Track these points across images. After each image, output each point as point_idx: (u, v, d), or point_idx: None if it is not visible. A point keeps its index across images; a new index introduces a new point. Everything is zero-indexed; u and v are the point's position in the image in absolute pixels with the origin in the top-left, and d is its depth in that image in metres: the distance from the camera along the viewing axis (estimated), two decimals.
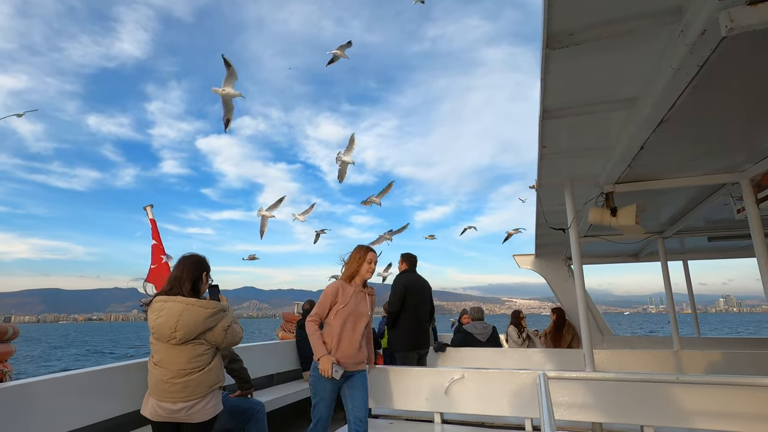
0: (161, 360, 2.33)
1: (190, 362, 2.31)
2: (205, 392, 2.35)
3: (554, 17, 1.60)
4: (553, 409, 1.55)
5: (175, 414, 2.31)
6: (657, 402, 2.68)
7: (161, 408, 2.31)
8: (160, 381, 2.31)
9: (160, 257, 5.11)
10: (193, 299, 2.35)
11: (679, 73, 1.75)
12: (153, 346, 2.38)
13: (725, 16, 1.37)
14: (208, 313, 2.34)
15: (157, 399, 2.32)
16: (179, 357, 2.31)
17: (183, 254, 2.53)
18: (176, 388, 2.29)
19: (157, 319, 2.30)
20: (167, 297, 2.35)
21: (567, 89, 2.15)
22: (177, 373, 2.30)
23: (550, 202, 4.04)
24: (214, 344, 2.40)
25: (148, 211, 5.28)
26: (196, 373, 2.32)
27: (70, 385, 2.80)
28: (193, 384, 2.31)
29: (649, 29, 1.66)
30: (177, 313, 2.28)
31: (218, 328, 2.38)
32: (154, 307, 2.34)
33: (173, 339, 2.28)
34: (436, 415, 3.20)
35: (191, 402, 2.31)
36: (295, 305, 7.26)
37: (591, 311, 6.82)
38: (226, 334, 2.40)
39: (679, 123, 2.29)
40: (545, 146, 2.79)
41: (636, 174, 3.16)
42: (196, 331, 2.31)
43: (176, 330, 2.27)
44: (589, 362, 3.21)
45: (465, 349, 5.57)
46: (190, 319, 2.29)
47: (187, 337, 2.29)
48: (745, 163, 3.00)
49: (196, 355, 2.33)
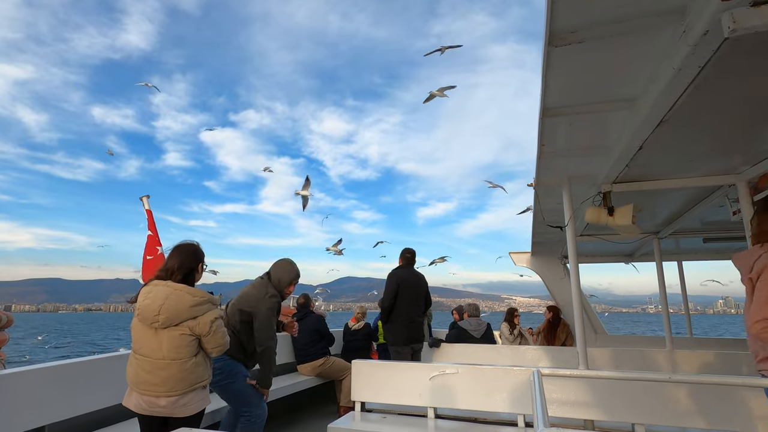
0: (141, 347, 2.25)
1: (171, 351, 2.22)
2: (186, 390, 2.24)
3: (557, 14, 1.59)
4: (546, 406, 1.56)
5: (160, 408, 2.23)
6: (649, 401, 2.71)
7: (145, 401, 2.24)
8: (142, 371, 2.22)
9: (156, 248, 5.09)
10: (181, 285, 2.30)
11: (680, 73, 1.75)
12: (135, 332, 2.30)
13: (728, 17, 1.37)
14: (194, 300, 2.27)
15: (139, 392, 2.24)
16: (160, 344, 2.23)
17: (178, 243, 2.46)
18: (157, 380, 2.20)
19: (144, 300, 2.25)
20: (157, 281, 2.31)
21: (568, 87, 2.15)
22: (157, 363, 2.21)
23: (548, 201, 4.04)
24: (198, 336, 2.29)
25: (144, 201, 5.26)
26: (176, 366, 2.22)
27: (59, 375, 2.79)
28: (174, 379, 2.22)
29: (652, 29, 1.66)
30: (163, 297, 2.23)
31: (204, 318, 2.29)
32: (144, 291, 2.30)
33: (156, 322, 2.21)
34: (430, 410, 3.21)
35: (174, 397, 2.22)
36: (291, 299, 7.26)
37: (585, 310, 6.87)
38: (211, 326, 2.29)
39: (678, 124, 2.30)
40: (544, 144, 2.79)
41: (634, 174, 3.16)
42: (180, 317, 2.23)
43: (160, 313, 2.20)
44: (583, 360, 3.23)
45: (459, 345, 5.59)
46: (175, 303, 2.23)
47: (170, 322, 2.22)
48: (743, 165, 3.01)
49: (178, 345, 2.23)
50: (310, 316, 5.16)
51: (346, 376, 4.84)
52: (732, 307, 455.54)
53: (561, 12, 1.58)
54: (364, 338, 5.89)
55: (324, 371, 4.96)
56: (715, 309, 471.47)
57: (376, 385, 3.41)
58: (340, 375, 4.94)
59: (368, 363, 3.57)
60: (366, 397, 3.45)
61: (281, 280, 3.27)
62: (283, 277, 3.28)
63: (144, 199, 5.25)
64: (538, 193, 3.89)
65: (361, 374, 3.47)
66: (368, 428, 3.08)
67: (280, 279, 3.27)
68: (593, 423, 2.93)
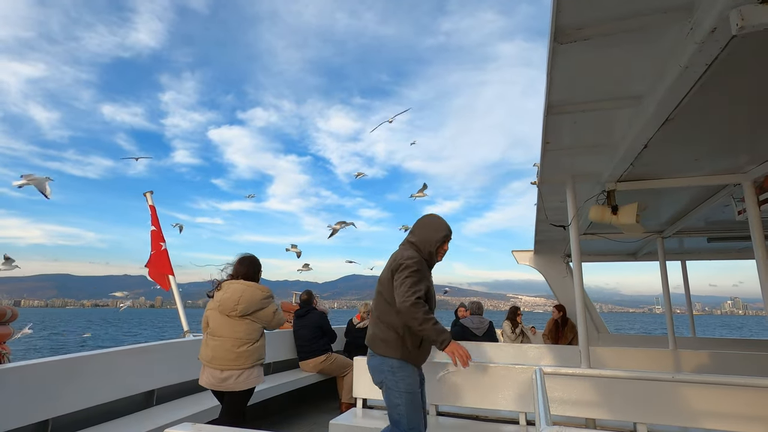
0: (219, 331, 2.80)
1: (245, 334, 2.81)
2: (252, 364, 2.81)
3: (563, 11, 1.58)
4: (549, 404, 1.56)
5: (222, 383, 2.75)
6: (651, 400, 2.70)
7: (213, 377, 2.77)
8: (220, 350, 2.76)
9: (159, 244, 5.11)
10: (252, 282, 2.93)
11: (687, 71, 1.74)
12: (212, 321, 2.84)
13: (736, 14, 1.35)
14: (263, 294, 2.89)
15: (212, 367, 2.77)
16: (237, 328, 2.80)
17: (242, 254, 3.05)
18: (231, 356, 2.75)
19: (223, 295, 2.83)
20: (232, 281, 2.91)
21: (573, 85, 2.13)
22: (235, 342, 2.77)
23: (552, 199, 4.03)
24: (264, 323, 2.91)
25: (148, 197, 5.27)
26: (248, 345, 2.80)
27: (63, 370, 2.81)
28: (245, 354, 2.78)
29: (659, 26, 1.64)
30: (240, 291, 2.83)
31: (269, 309, 2.92)
32: (222, 287, 2.88)
33: (234, 311, 2.80)
34: (431, 407, 3.22)
35: (238, 371, 2.76)
36: (293, 295, 7.28)
37: (588, 308, 6.85)
38: (274, 315, 2.94)
39: (684, 122, 2.28)
40: (548, 142, 2.77)
41: (638, 173, 3.15)
42: (252, 307, 2.84)
43: (238, 303, 2.79)
44: (585, 359, 3.23)
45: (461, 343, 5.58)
46: (250, 297, 2.83)
47: (245, 311, 2.81)
48: (748, 164, 2.99)
49: (250, 329, 2.83)
50: (313, 312, 5.17)
51: (348, 372, 4.85)
52: (740, 308, 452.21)
53: (567, 8, 1.57)
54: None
55: (326, 368, 4.97)
56: (722, 310, 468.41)
57: None
58: (342, 372, 4.95)
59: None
60: (368, 394, 3.46)
61: (427, 241, 2.50)
62: (429, 236, 2.51)
63: (148, 195, 5.26)
64: (542, 191, 3.88)
65: (363, 371, 3.47)
66: (370, 425, 3.09)
67: (425, 240, 2.50)
68: (595, 422, 2.92)
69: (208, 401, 3.60)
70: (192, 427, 1.70)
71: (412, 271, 2.31)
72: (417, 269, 2.34)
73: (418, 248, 2.48)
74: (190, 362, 3.84)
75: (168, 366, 3.58)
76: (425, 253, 2.47)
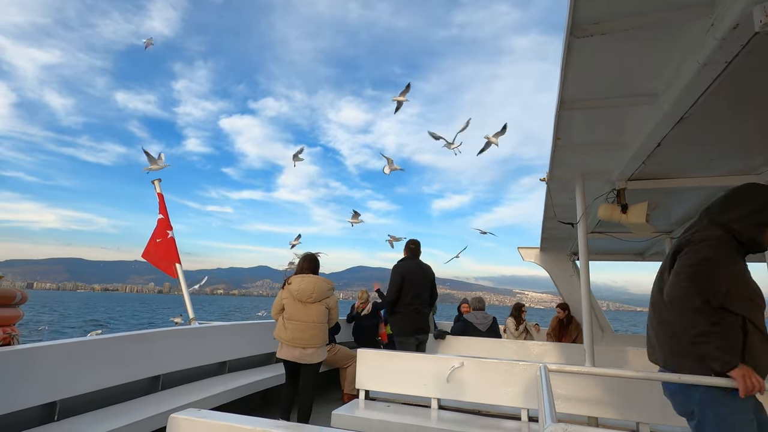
0: (297, 316, 3.52)
1: (318, 317, 3.55)
2: (322, 342, 3.59)
3: (580, 4, 1.54)
4: (554, 402, 1.55)
5: (301, 357, 3.48)
6: (655, 400, 2.69)
7: (292, 352, 3.48)
8: (297, 331, 3.48)
9: (166, 232, 5.14)
10: (320, 276, 3.71)
11: (705, 68, 1.70)
12: (288, 307, 3.55)
13: (760, 10, 1.32)
14: (329, 286, 3.67)
15: (292, 345, 3.48)
16: (312, 312, 3.54)
17: (306, 253, 3.86)
18: (308, 335, 3.49)
19: (300, 284, 3.56)
20: (305, 274, 3.65)
21: (587, 80, 2.10)
22: (310, 324, 3.51)
23: (560, 196, 3.99)
24: (329, 308, 3.63)
25: (156, 185, 5.30)
26: (320, 326, 3.55)
27: (71, 353, 2.84)
28: (319, 334, 3.55)
29: (678, 21, 1.61)
30: (314, 282, 3.60)
31: (333, 298, 3.69)
32: (297, 279, 3.61)
33: (310, 298, 3.54)
34: (433, 401, 3.23)
35: (312, 349, 3.51)
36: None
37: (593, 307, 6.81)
38: (336, 304, 3.72)
39: (700, 121, 2.23)
40: (560, 138, 2.74)
41: (650, 172, 3.10)
42: (323, 295, 3.59)
43: (313, 292, 3.55)
44: (589, 357, 3.21)
45: (464, 338, 5.59)
46: (321, 286, 3.60)
47: (318, 298, 3.57)
48: (763, 166, 2.93)
49: (321, 313, 3.58)
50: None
51: (351, 364, 4.87)
52: None
53: (585, 2, 1.53)
54: (369, 319, 5.97)
55: (329, 359, 4.99)
56: None
57: (381, 375, 3.43)
58: (345, 363, 4.98)
59: (373, 352, 3.59)
60: (370, 385, 3.48)
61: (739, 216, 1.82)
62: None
63: (156, 182, 5.29)
64: (551, 188, 3.84)
65: (366, 363, 3.49)
66: (372, 416, 3.11)
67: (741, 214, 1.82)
68: (597, 420, 2.92)
69: (213, 387, 3.63)
70: (197, 413, 1.72)
71: None
72: None
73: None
74: (195, 349, 3.88)
75: (174, 352, 3.63)
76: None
